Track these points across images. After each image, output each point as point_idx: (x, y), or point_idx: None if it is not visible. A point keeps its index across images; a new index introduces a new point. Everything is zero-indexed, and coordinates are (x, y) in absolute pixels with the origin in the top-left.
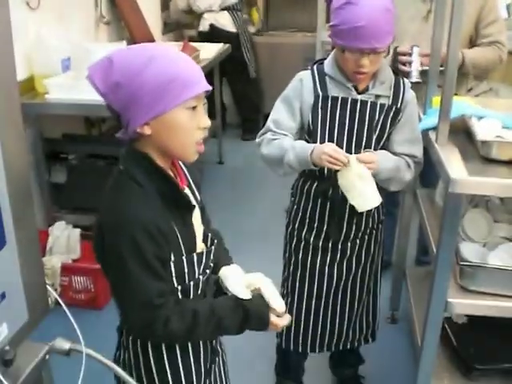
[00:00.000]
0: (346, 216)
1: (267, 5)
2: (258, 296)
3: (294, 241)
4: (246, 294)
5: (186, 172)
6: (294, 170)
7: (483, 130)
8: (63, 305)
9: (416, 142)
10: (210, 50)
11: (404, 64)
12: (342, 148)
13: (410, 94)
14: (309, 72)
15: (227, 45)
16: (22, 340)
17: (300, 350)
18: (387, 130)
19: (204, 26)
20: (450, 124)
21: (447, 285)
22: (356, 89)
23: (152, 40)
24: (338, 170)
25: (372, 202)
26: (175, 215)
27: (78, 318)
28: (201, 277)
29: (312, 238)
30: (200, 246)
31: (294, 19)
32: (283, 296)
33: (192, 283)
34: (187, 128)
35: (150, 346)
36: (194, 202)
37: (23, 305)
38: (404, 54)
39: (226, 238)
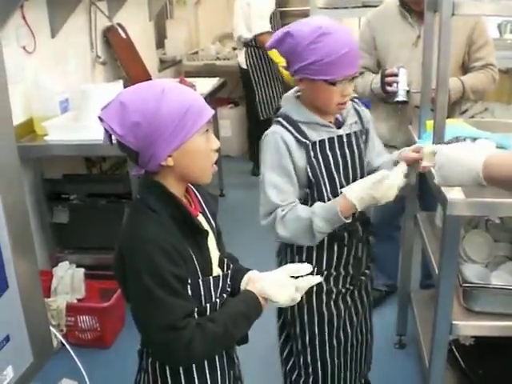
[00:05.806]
0: (364, 253)
1: None
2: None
3: (314, 296)
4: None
5: (201, 200)
6: (325, 234)
7: None
8: (67, 345)
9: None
10: (206, 85)
11: (390, 84)
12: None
13: (366, 111)
14: (280, 127)
15: (222, 79)
16: (28, 382)
17: None
18: (366, 153)
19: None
20: None
21: (451, 307)
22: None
23: (149, 77)
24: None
25: None
26: (190, 240)
27: (84, 358)
28: (218, 300)
29: (332, 285)
30: (216, 271)
31: None
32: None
33: (208, 305)
34: (204, 152)
35: (167, 368)
36: (207, 228)
37: (28, 347)
38: (391, 75)
39: None
